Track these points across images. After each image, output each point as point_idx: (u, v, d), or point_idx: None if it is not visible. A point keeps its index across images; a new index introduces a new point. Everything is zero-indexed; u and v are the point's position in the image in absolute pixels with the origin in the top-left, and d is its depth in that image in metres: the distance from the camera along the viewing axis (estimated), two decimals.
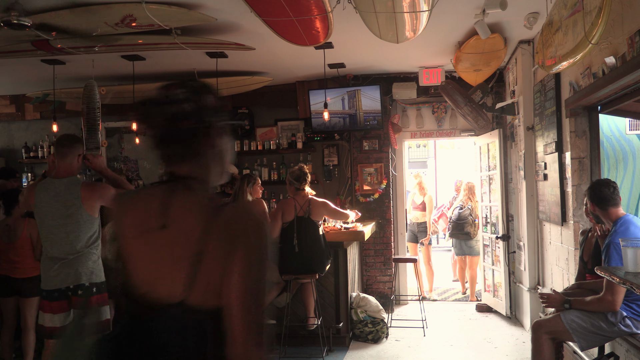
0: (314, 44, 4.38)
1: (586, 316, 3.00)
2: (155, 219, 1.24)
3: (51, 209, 3.08)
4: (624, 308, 2.98)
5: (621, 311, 2.96)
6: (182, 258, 1.19)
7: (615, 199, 3.08)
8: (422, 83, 6.00)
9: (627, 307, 2.98)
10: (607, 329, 2.95)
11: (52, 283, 3.06)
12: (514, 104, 5.45)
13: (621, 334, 2.96)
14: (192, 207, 1.25)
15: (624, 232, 2.95)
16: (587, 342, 3.01)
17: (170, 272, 1.21)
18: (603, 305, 2.93)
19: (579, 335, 2.99)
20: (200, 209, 1.25)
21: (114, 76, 6.07)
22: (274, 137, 6.84)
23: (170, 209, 1.24)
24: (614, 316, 2.95)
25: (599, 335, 2.98)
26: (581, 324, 2.99)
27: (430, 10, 3.55)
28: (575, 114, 3.99)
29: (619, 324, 2.93)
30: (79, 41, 4.37)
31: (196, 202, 1.26)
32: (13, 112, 7.36)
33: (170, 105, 1.27)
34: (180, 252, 1.20)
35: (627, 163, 5.36)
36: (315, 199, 4.43)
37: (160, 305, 1.20)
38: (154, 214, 1.25)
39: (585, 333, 2.98)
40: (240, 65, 5.77)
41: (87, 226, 3.08)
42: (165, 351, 1.19)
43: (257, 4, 3.52)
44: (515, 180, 5.68)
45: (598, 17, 2.55)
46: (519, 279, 5.59)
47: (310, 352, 4.64)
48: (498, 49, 4.78)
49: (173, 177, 1.30)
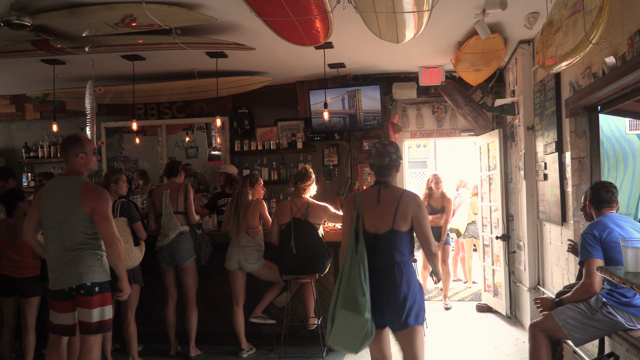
0: (314, 44, 4.38)
1: (573, 305, 3.15)
2: (376, 198, 2.91)
3: (52, 204, 3.11)
4: (605, 296, 3.08)
5: (601, 297, 3.08)
6: (389, 213, 2.86)
7: (610, 202, 3.24)
8: (422, 83, 6.00)
9: (610, 295, 3.08)
10: (590, 315, 3.06)
11: (56, 284, 3.08)
12: (514, 104, 5.45)
13: (609, 325, 3.04)
14: (390, 193, 2.92)
15: (595, 223, 3.17)
16: (578, 334, 3.09)
17: (383, 219, 2.87)
18: (584, 290, 3.10)
19: (570, 328, 3.08)
20: (393, 193, 2.92)
21: (114, 76, 6.07)
22: (274, 137, 6.84)
23: (381, 194, 2.92)
24: (595, 302, 3.07)
25: (586, 324, 3.07)
26: (569, 313, 3.12)
27: (430, 10, 3.55)
28: (575, 114, 3.99)
29: (601, 309, 3.04)
30: (79, 41, 4.37)
31: (392, 191, 2.93)
32: (13, 112, 7.36)
33: (388, 154, 2.95)
34: (388, 211, 2.86)
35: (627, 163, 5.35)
36: (314, 202, 4.40)
37: (382, 233, 2.85)
38: (375, 196, 2.92)
39: (574, 323, 3.08)
40: (240, 65, 5.77)
41: (82, 224, 3.08)
42: (387, 253, 2.85)
43: (257, 4, 3.52)
44: (515, 180, 5.68)
45: (598, 17, 2.55)
46: (519, 279, 5.59)
47: (310, 352, 4.64)
48: (498, 49, 4.78)
49: (382, 182, 2.96)
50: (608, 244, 3.06)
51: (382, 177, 2.95)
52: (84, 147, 3.19)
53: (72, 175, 3.17)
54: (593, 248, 3.07)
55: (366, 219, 2.88)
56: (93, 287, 3.06)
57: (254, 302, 4.73)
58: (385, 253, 2.83)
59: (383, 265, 2.82)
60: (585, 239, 3.13)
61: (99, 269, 3.12)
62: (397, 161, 2.95)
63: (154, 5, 3.68)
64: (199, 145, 7.08)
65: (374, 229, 2.86)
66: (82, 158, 3.17)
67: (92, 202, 3.08)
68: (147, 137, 7.14)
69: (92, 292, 3.06)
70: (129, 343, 4.34)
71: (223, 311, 4.96)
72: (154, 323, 4.98)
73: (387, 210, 2.86)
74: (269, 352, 4.75)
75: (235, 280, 4.58)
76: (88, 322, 3.06)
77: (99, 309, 3.08)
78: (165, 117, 7.05)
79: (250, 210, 4.53)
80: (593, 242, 3.08)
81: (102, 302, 3.10)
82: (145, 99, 6.61)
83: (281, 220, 4.38)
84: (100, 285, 3.09)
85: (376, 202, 2.90)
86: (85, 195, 3.08)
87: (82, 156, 3.17)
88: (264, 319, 4.68)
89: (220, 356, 4.69)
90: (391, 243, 2.83)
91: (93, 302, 3.05)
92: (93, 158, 3.24)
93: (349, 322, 2.70)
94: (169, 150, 7.12)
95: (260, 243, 4.60)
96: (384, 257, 2.83)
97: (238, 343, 4.64)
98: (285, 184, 6.37)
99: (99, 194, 3.14)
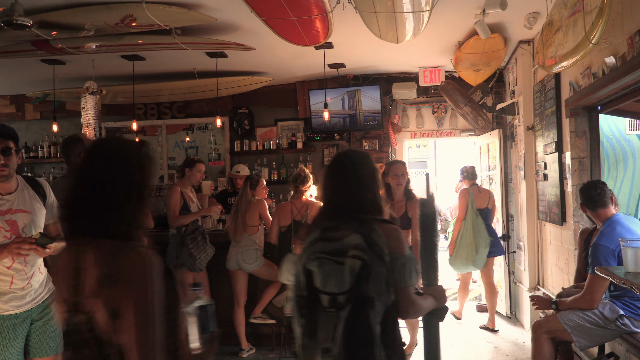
0: (314, 44, 4.38)
1: (583, 314, 3.01)
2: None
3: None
4: (621, 307, 2.99)
5: (618, 309, 2.98)
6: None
7: (602, 200, 3.08)
8: (422, 83, 6.00)
9: (626, 305, 2.99)
10: (603, 325, 2.96)
11: None
12: (514, 104, 5.45)
13: (620, 333, 2.97)
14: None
15: (610, 233, 2.97)
16: (585, 340, 3.00)
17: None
18: (584, 303, 2.99)
19: (577, 334, 3.00)
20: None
21: (114, 76, 6.07)
22: (274, 137, 6.84)
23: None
24: (610, 312, 2.97)
25: (596, 332, 2.98)
26: (578, 321, 3.00)
27: (430, 10, 3.55)
28: (575, 114, 3.98)
29: (617, 321, 2.94)
30: (79, 41, 4.37)
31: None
32: (13, 112, 7.35)
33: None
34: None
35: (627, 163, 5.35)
36: (313, 202, 4.39)
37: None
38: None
39: (582, 330, 2.99)
40: (240, 65, 5.77)
41: None
42: None
43: (257, 4, 3.52)
44: (515, 180, 5.68)
45: (598, 17, 2.54)
46: (519, 279, 5.59)
47: None
48: (498, 49, 4.78)
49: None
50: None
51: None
52: (85, 147, 3.19)
53: None
54: (606, 263, 2.91)
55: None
56: None
57: (253, 303, 4.73)
58: None
59: None
60: (599, 250, 2.94)
61: None
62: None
63: (153, 6, 3.68)
64: (199, 145, 7.08)
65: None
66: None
67: None
68: (147, 137, 7.13)
69: None
70: None
71: (223, 311, 4.94)
72: None
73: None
74: (269, 352, 4.75)
75: (235, 280, 4.58)
76: None
77: None
78: (165, 117, 7.05)
79: (249, 211, 4.53)
80: (608, 258, 2.89)
81: None
82: (145, 99, 6.61)
83: (282, 222, 4.37)
84: None
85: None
86: None
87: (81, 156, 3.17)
88: (264, 319, 4.68)
89: (220, 356, 4.68)
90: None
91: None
92: None
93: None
94: (169, 150, 7.12)
95: (259, 243, 4.59)
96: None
97: (238, 343, 4.64)
98: (285, 184, 6.36)
99: None
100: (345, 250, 1.62)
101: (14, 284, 2.39)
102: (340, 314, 1.58)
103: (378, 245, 1.65)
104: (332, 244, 1.65)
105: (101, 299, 1.25)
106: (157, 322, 1.26)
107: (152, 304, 1.26)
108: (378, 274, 1.61)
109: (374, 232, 1.67)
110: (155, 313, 1.26)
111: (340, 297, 1.59)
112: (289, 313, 1.77)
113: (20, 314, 2.42)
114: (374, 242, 1.64)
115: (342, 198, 1.81)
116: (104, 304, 1.25)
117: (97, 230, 1.33)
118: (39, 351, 2.49)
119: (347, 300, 1.59)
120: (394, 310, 1.68)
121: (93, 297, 1.27)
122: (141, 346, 1.23)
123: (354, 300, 1.58)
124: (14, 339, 2.39)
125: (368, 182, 1.83)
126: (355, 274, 1.59)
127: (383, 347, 1.61)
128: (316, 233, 1.71)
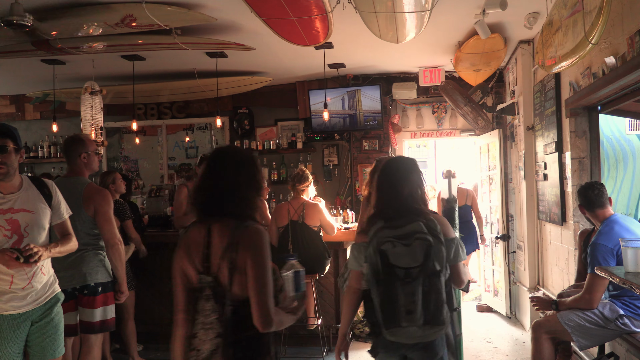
0: (314, 44, 4.38)
1: (583, 313, 3.02)
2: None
3: None
4: (621, 306, 2.99)
5: (618, 309, 2.98)
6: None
7: (600, 200, 3.10)
8: (422, 83, 6.00)
9: (626, 305, 2.99)
10: (603, 325, 2.96)
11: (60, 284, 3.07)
12: (514, 104, 5.45)
13: (620, 333, 2.97)
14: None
15: (608, 232, 2.99)
16: (585, 340, 3.01)
17: None
18: (584, 303, 3.00)
19: (577, 334, 3.00)
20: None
21: (114, 76, 6.07)
22: (274, 137, 6.84)
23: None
24: (610, 312, 2.97)
25: (596, 332, 2.99)
26: (578, 321, 3.01)
27: (430, 10, 3.55)
28: (575, 114, 3.98)
29: (617, 321, 2.95)
30: (78, 40, 4.37)
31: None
32: (13, 112, 7.36)
33: None
34: None
35: (627, 163, 5.35)
36: (310, 203, 4.36)
37: None
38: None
39: (582, 330, 3.00)
40: (240, 65, 5.77)
41: (85, 225, 3.08)
42: None
43: (257, 4, 3.52)
44: (515, 180, 5.68)
45: (598, 17, 2.55)
46: (519, 279, 5.59)
47: (310, 352, 4.64)
48: (498, 49, 4.78)
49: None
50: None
51: None
52: (86, 147, 3.19)
53: (74, 176, 3.17)
54: (605, 262, 2.92)
55: None
56: (96, 288, 3.07)
57: None
58: None
59: None
60: (598, 249, 2.96)
61: (102, 270, 3.12)
62: None
63: (153, 5, 3.68)
64: (199, 145, 7.08)
65: None
66: (84, 158, 3.17)
67: (95, 204, 3.08)
68: (147, 137, 7.14)
69: (96, 292, 3.07)
70: (128, 344, 4.33)
71: None
72: (154, 323, 4.97)
73: None
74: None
75: None
76: (90, 322, 3.06)
77: (102, 308, 3.09)
78: (165, 117, 7.05)
79: None
80: (607, 257, 2.91)
81: (105, 302, 3.11)
82: (145, 99, 6.61)
83: (279, 223, 4.36)
84: (103, 285, 3.10)
85: None
86: (87, 196, 3.08)
87: (85, 156, 3.17)
88: None
89: None
90: None
91: (96, 302, 3.06)
92: (95, 158, 3.24)
93: None
94: (169, 150, 7.13)
95: None
96: None
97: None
98: (285, 184, 6.35)
99: (102, 195, 3.14)
100: (411, 234, 2.06)
101: (14, 284, 2.38)
102: (415, 283, 2.02)
103: (435, 230, 2.10)
104: (397, 230, 2.08)
105: (226, 261, 1.76)
106: (269, 277, 1.78)
107: (265, 262, 1.79)
108: (439, 252, 2.07)
109: (430, 220, 2.13)
110: (267, 270, 1.79)
111: (413, 271, 2.03)
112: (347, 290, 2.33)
113: (21, 315, 2.42)
114: (431, 228, 2.10)
115: (401, 195, 2.21)
116: (228, 264, 1.76)
117: (223, 212, 1.83)
118: (37, 353, 2.48)
119: (419, 272, 2.03)
120: (450, 280, 2.19)
121: (220, 259, 1.77)
122: (259, 293, 1.75)
123: (425, 272, 2.03)
124: (13, 339, 2.39)
125: (417, 181, 2.27)
126: (424, 252, 2.04)
127: (448, 307, 2.09)
128: (380, 223, 2.13)
